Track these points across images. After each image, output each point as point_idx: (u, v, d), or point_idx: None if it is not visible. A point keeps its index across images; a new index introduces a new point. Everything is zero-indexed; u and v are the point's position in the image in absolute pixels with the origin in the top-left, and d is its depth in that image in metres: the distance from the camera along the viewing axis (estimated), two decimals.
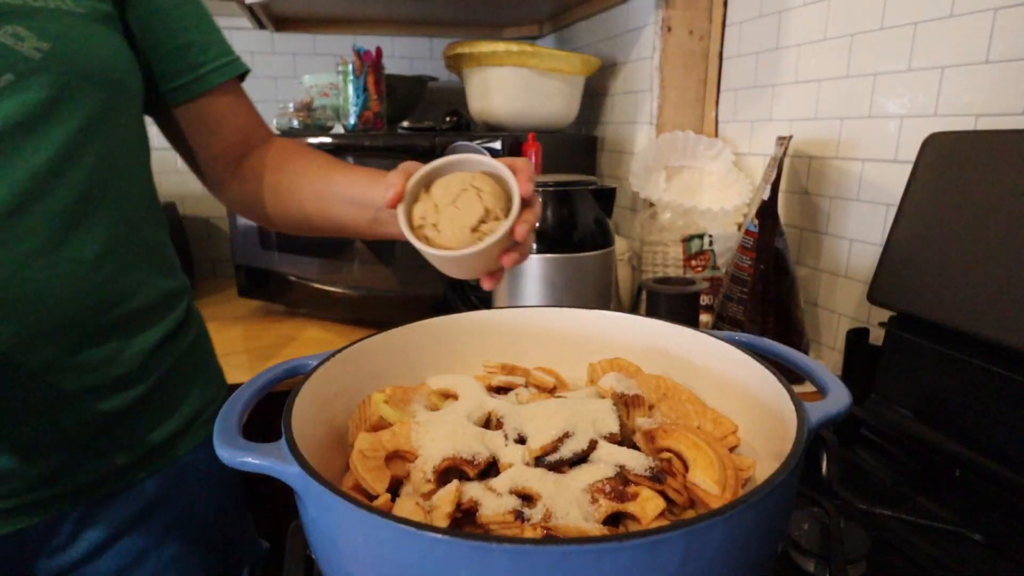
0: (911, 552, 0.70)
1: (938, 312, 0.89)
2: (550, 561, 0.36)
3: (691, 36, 1.58)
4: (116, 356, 0.77)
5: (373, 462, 0.54)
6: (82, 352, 0.73)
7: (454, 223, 0.68)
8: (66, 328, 0.71)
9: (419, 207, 0.71)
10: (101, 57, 0.73)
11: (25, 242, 0.67)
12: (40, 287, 0.68)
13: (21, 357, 0.68)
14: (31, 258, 0.67)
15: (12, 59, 0.64)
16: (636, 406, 0.62)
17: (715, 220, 1.46)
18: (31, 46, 0.65)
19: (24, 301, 0.67)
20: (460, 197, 0.68)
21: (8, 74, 0.64)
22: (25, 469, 0.72)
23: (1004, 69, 0.93)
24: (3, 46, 0.64)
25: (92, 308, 0.73)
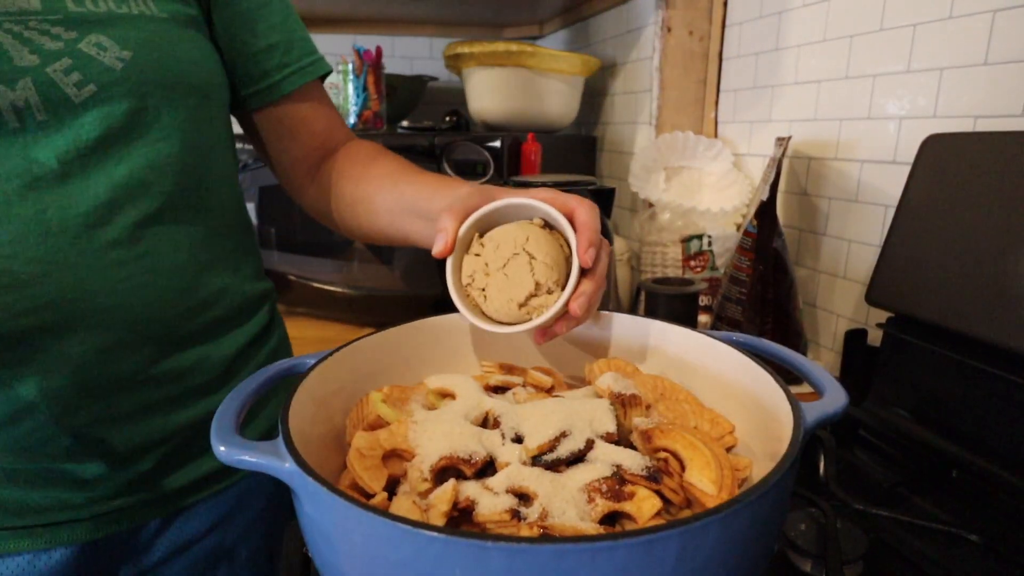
0: (908, 553, 0.71)
1: (936, 314, 0.89)
2: (545, 560, 0.36)
3: (691, 37, 1.58)
4: (201, 363, 0.76)
5: (370, 461, 0.54)
6: (168, 359, 0.73)
7: (502, 293, 0.63)
8: (152, 336, 0.71)
9: (468, 263, 0.66)
10: (185, 63, 0.72)
11: (109, 252, 0.66)
12: (124, 297, 0.67)
13: (110, 366, 0.68)
14: (115, 268, 0.66)
15: (95, 70, 0.63)
16: (633, 406, 0.62)
17: (714, 221, 1.46)
18: (113, 56, 0.64)
19: (111, 311, 0.67)
20: (511, 263, 0.63)
21: (91, 85, 0.63)
22: (114, 476, 0.72)
23: (1003, 71, 0.93)
24: (86, 57, 0.63)
25: (176, 316, 0.73)
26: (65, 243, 0.63)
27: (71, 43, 0.63)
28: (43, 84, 0.61)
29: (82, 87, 0.63)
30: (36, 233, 0.62)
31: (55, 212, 0.63)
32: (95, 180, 0.65)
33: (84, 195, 0.64)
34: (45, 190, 0.62)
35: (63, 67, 0.62)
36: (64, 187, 0.63)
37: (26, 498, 0.69)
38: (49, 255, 0.63)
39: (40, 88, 0.61)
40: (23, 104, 0.60)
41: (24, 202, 0.62)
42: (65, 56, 0.62)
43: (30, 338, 0.63)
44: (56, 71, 0.62)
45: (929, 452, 0.89)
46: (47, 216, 0.63)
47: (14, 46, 0.60)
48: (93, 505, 0.72)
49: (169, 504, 0.78)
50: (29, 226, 0.62)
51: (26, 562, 0.70)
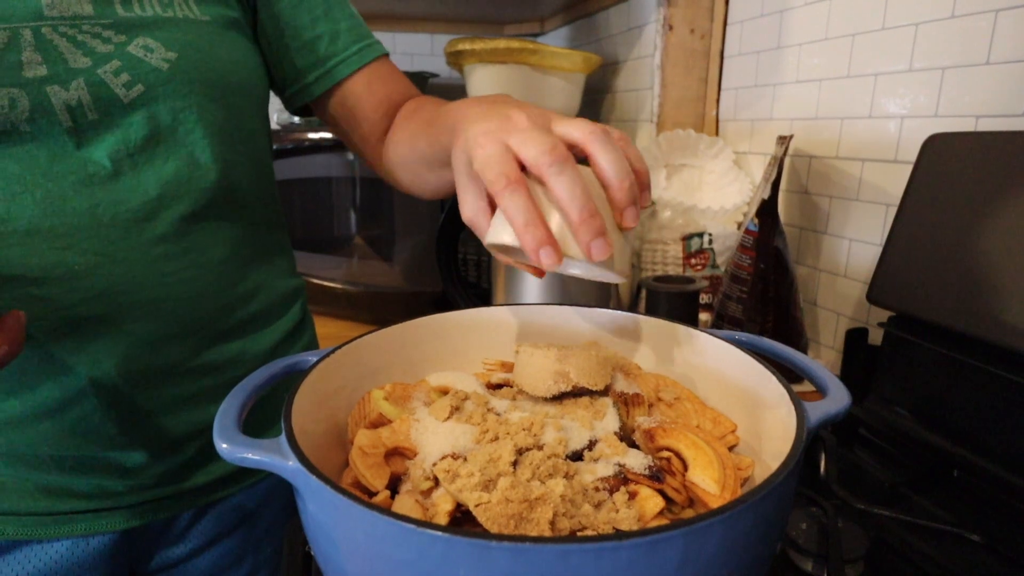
0: (909, 552, 0.71)
1: (937, 313, 0.89)
2: (548, 559, 0.36)
3: (692, 35, 1.58)
4: (239, 357, 0.79)
5: (372, 459, 0.54)
6: (210, 351, 0.76)
7: None
8: (194, 329, 0.74)
9: None
10: (226, 63, 0.75)
11: (156, 247, 0.69)
12: (170, 290, 0.71)
13: (153, 357, 0.71)
14: (161, 262, 0.70)
15: (143, 71, 0.67)
16: (636, 405, 0.62)
17: (715, 219, 1.46)
18: (159, 57, 0.68)
19: (158, 303, 0.70)
20: None
21: (139, 85, 0.67)
22: (155, 465, 0.75)
23: (1005, 70, 0.93)
24: (134, 59, 0.66)
25: (217, 310, 0.76)
26: (116, 237, 0.67)
27: (120, 46, 0.66)
28: (94, 85, 0.64)
29: (131, 87, 0.66)
30: (89, 227, 0.65)
31: (107, 208, 0.66)
32: (145, 177, 0.68)
33: (134, 192, 0.68)
34: (97, 186, 0.66)
35: (113, 68, 0.65)
36: (116, 184, 0.67)
37: (71, 484, 0.72)
38: (101, 248, 0.66)
39: (92, 88, 0.64)
40: (76, 103, 0.64)
41: (78, 197, 0.65)
42: (115, 58, 0.65)
43: (82, 327, 0.66)
44: (106, 72, 0.65)
45: (930, 452, 0.89)
46: (99, 211, 0.66)
47: (69, 49, 0.63)
48: (133, 493, 0.75)
49: (203, 496, 0.81)
50: (83, 220, 0.65)
51: (66, 549, 0.73)
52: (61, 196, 0.64)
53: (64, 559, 0.73)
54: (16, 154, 0.63)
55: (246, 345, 0.81)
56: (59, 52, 0.63)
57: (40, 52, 0.62)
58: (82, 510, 0.73)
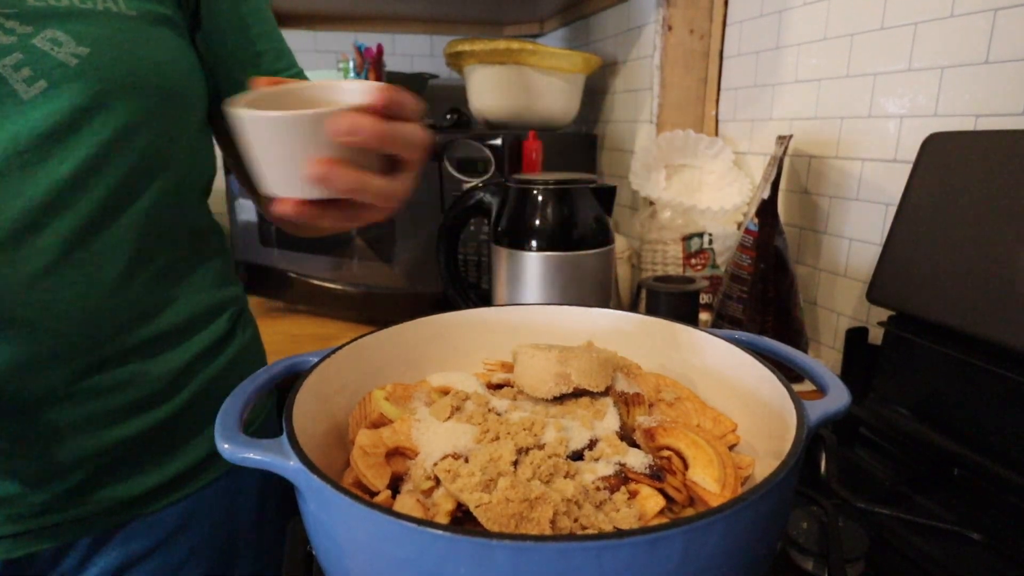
0: (909, 551, 0.71)
1: (937, 312, 0.89)
2: (549, 558, 0.36)
3: (692, 35, 1.58)
4: (136, 378, 0.72)
5: (374, 459, 0.54)
6: (96, 375, 0.69)
7: None
8: (78, 351, 0.67)
9: None
10: (147, 62, 0.68)
11: (35, 260, 0.63)
12: (47, 309, 0.64)
13: (28, 382, 0.65)
14: (39, 279, 0.63)
15: (47, 66, 0.61)
16: (636, 404, 0.62)
17: (715, 219, 1.46)
18: (68, 52, 0.62)
19: (27, 324, 0.63)
20: None
21: (41, 81, 0.61)
22: (30, 496, 0.69)
23: (1004, 69, 0.93)
24: (38, 52, 0.61)
25: (111, 329, 0.69)
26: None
27: (25, 37, 0.61)
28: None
29: (32, 83, 0.61)
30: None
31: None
32: (33, 180, 0.62)
33: (18, 197, 0.61)
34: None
35: (13, 62, 0.60)
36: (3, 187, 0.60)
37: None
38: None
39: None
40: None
41: None
42: (16, 51, 0.60)
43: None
44: (6, 66, 0.60)
45: (931, 450, 0.89)
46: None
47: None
48: (10, 524, 0.69)
49: (100, 522, 0.74)
50: None
51: None
52: None
53: None
54: None
55: (147, 366, 0.73)
56: None
57: None
58: None
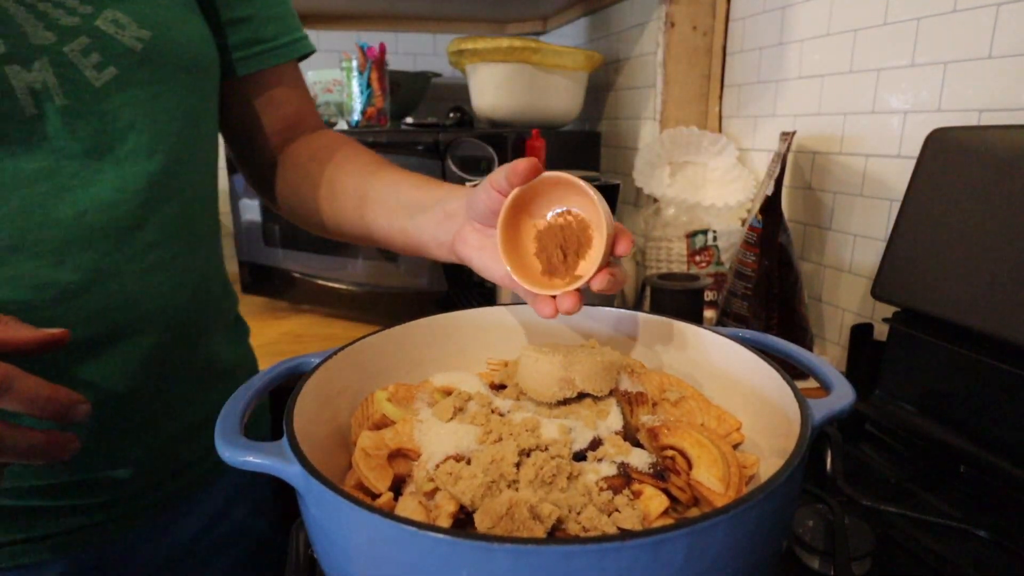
0: (916, 548, 0.70)
1: (942, 308, 0.88)
2: (552, 561, 0.36)
3: (695, 32, 1.57)
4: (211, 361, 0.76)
5: (376, 460, 0.54)
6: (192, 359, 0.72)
7: None
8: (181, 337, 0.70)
9: None
10: (195, 43, 0.68)
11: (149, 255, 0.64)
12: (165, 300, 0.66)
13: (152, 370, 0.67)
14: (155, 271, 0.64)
15: (115, 51, 0.59)
16: (640, 403, 0.62)
17: (719, 216, 1.45)
18: (132, 35, 0.60)
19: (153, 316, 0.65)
20: None
21: (111, 67, 0.59)
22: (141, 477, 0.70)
23: (1007, 64, 0.93)
24: (105, 35, 0.58)
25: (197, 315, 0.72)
26: (109, 248, 0.60)
27: (88, 18, 0.58)
28: (61, 65, 0.56)
29: (102, 69, 0.58)
30: (79, 240, 0.58)
31: (96, 215, 0.59)
32: (130, 175, 0.61)
33: (123, 192, 0.61)
34: (79, 189, 0.58)
35: (80, 47, 0.57)
36: (99, 185, 0.59)
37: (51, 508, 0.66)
38: (94, 262, 0.59)
39: (57, 70, 0.56)
40: (40, 87, 0.55)
41: (62, 204, 0.57)
42: (82, 34, 0.57)
43: (78, 351, 0.60)
44: (74, 51, 0.57)
45: (936, 447, 0.89)
46: (88, 219, 0.59)
47: (28, 20, 0.55)
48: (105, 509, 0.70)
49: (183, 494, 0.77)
50: (71, 232, 0.58)
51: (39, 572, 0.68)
52: (41, 204, 0.56)
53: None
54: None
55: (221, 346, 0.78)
56: (16, 24, 0.54)
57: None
58: (64, 531, 0.67)
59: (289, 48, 0.82)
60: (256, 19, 0.78)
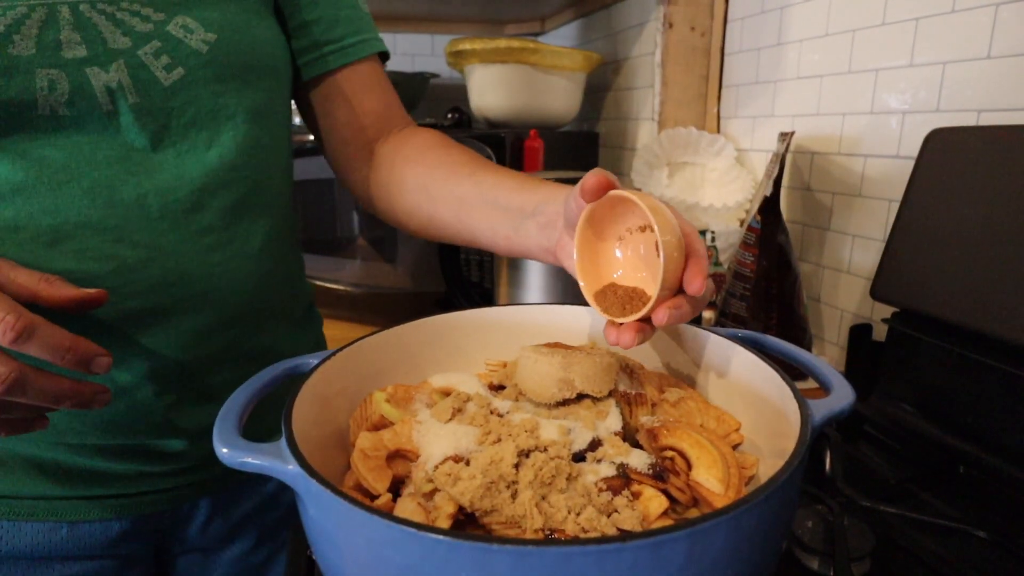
0: (915, 549, 0.70)
1: (941, 308, 0.88)
2: (552, 562, 0.36)
3: (693, 32, 1.58)
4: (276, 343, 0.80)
5: (374, 461, 0.54)
6: (252, 339, 0.76)
7: None
8: (240, 318, 0.74)
9: None
10: (263, 44, 0.73)
11: (204, 237, 0.69)
12: (217, 280, 0.70)
13: (203, 346, 0.71)
14: (208, 252, 0.69)
15: (183, 53, 0.65)
16: (639, 404, 0.61)
17: (717, 216, 1.45)
18: (199, 39, 0.66)
19: (206, 294, 0.69)
20: None
21: (179, 68, 0.65)
22: (191, 452, 0.75)
23: (1006, 64, 0.93)
24: (174, 39, 0.65)
25: (261, 298, 0.76)
26: (166, 228, 0.66)
27: (160, 25, 0.64)
28: (135, 67, 0.63)
29: (171, 70, 0.65)
30: (139, 218, 0.64)
31: (155, 198, 0.65)
32: (189, 165, 0.67)
33: (180, 180, 0.66)
34: (143, 175, 0.64)
35: (152, 50, 0.64)
36: (160, 172, 0.65)
37: (109, 469, 0.71)
38: (152, 240, 0.65)
39: (132, 71, 0.63)
40: (116, 86, 0.62)
41: (125, 187, 0.63)
42: (155, 38, 0.64)
43: (135, 321, 0.66)
44: (147, 54, 0.63)
45: (936, 448, 0.89)
46: (148, 202, 0.65)
47: (107, 28, 0.61)
48: (169, 478, 0.75)
49: (231, 479, 0.82)
50: (132, 211, 0.64)
51: (96, 530, 0.73)
52: (108, 186, 0.63)
53: (93, 539, 0.73)
54: (57, 141, 0.61)
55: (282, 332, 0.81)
56: (98, 31, 0.61)
57: (79, 31, 0.60)
58: (116, 494, 0.73)
59: (356, 48, 0.85)
60: (324, 21, 0.82)
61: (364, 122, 0.88)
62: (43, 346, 0.52)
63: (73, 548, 0.72)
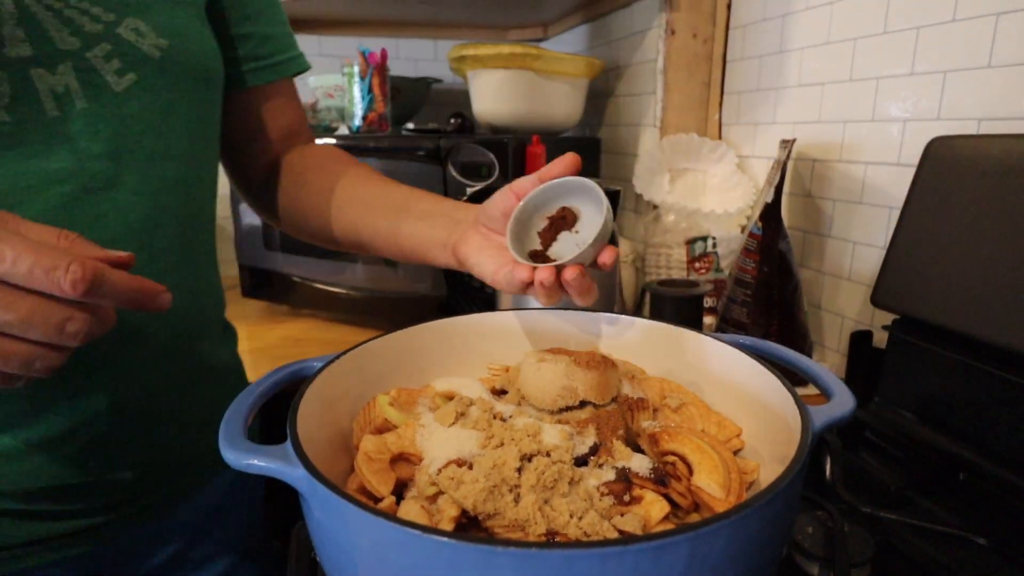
0: (915, 555, 0.70)
1: (941, 315, 0.89)
2: (554, 564, 0.36)
3: (695, 39, 1.58)
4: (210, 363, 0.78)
5: (378, 464, 0.54)
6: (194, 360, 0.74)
7: None
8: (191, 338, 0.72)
9: None
10: (207, 53, 0.71)
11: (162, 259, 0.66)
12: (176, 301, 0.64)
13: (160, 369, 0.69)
14: (166, 275, 0.66)
15: (135, 57, 0.62)
16: (640, 409, 0.62)
17: (719, 223, 1.46)
18: (151, 43, 0.63)
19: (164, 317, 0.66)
20: None
21: (131, 73, 0.62)
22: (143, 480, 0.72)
23: (1007, 73, 0.93)
24: (126, 43, 0.61)
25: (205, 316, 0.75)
26: None
27: (110, 26, 0.60)
28: (83, 70, 0.59)
29: (122, 75, 0.61)
30: (99, 242, 0.56)
31: (114, 217, 0.61)
32: (147, 178, 0.63)
33: (139, 195, 0.63)
34: (101, 192, 0.60)
35: (103, 52, 0.60)
36: (118, 188, 0.61)
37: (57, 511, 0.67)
38: None
39: (80, 74, 0.58)
40: (63, 90, 0.57)
41: (83, 206, 0.59)
42: (104, 40, 0.60)
43: (97, 351, 0.62)
44: (96, 57, 0.59)
45: (936, 455, 0.89)
46: (107, 221, 0.61)
47: (55, 26, 0.57)
48: (122, 508, 0.72)
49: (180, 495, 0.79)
50: (91, 235, 0.56)
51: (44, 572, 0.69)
52: (64, 206, 0.58)
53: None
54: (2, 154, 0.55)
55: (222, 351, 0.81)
56: (44, 29, 0.56)
57: (23, 27, 0.55)
58: (66, 532, 0.68)
59: (286, 65, 0.87)
60: (257, 36, 0.82)
61: (278, 134, 0.89)
62: (113, 292, 0.46)
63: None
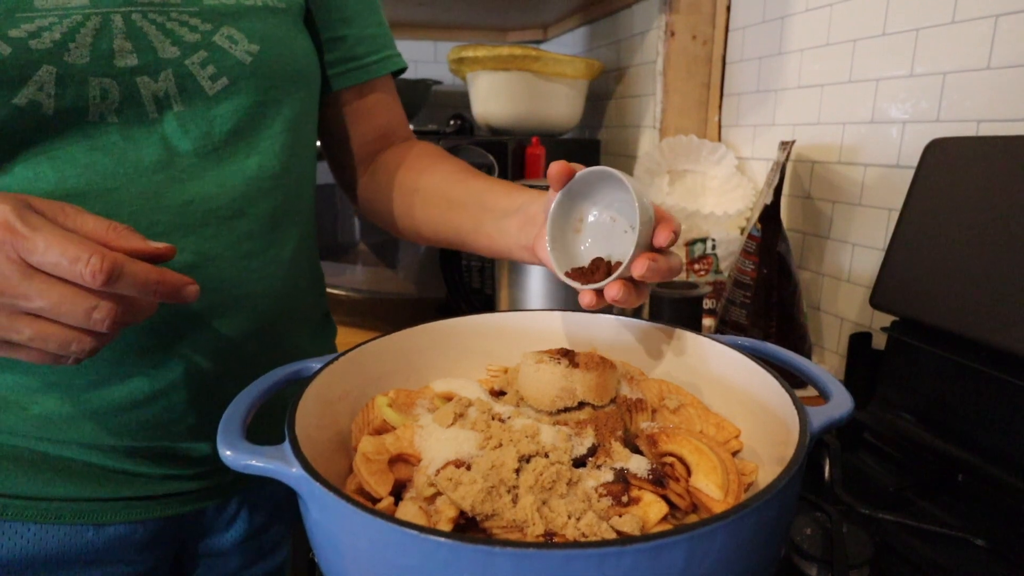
0: (914, 557, 0.70)
1: (941, 317, 0.89)
2: (552, 565, 0.36)
3: (694, 41, 1.58)
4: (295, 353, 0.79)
5: (376, 465, 0.54)
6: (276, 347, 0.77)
7: None
8: (269, 324, 0.75)
9: None
10: (299, 57, 0.75)
11: (244, 244, 0.70)
12: (254, 286, 0.72)
13: (238, 351, 0.73)
14: (248, 259, 0.71)
15: (228, 63, 0.67)
16: (639, 410, 0.62)
17: (718, 224, 1.46)
18: (243, 49, 0.68)
19: (241, 300, 0.71)
20: None
21: (224, 78, 0.67)
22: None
23: (1006, 75, 0.93)
24: (220, 50, 0.66)
25: (286, 306, 0.78)
26: (210, 235, 0.67)
27: (207, 35, 0.65)
28: (182, 76, 0.64)
29: (216, 79, 0.66)
30: (185, 225, 0.66)
31: (200, 204, 0.67)
32: (231, 172, 0.69)
33: (223, 187, 0.68)
34: (188, 182, 0.66)
35: (200, 59, 0.65)
36: (204, 179, 0.67)
37: (139, 472, 0.72)
38: (197, 246, 0.67)
39: (179, 80, 0.64)
40: (163, 94, 0.64)
41: (171, 193, 0.65)
42: (202, 48, 0.65)
43: (176, 324, 0.67)
44: (194, 63, 0.65)
45: (934, 456, 0.89)
46: (193, 208, 0.66)
47: (158, 37, 0.63)
48: (195, 480, 0.76)
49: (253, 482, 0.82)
50: (178, 218, 0.65)
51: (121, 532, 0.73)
52: (156, 192, 0.64)
53: (118, 542, 0.73)
54: (106, 147, 0.62)
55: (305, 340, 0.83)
56: (149, 40, 0.62)
57: (131, 40, 0.61)
58: (144, 496, 0.73)
59: (379, 65, 0.89)
60: (351, 39, 0.86)
61: (375, 134, 0.92)
62: (133, 284, 0.50)
63: (96, 553, 0.72)
